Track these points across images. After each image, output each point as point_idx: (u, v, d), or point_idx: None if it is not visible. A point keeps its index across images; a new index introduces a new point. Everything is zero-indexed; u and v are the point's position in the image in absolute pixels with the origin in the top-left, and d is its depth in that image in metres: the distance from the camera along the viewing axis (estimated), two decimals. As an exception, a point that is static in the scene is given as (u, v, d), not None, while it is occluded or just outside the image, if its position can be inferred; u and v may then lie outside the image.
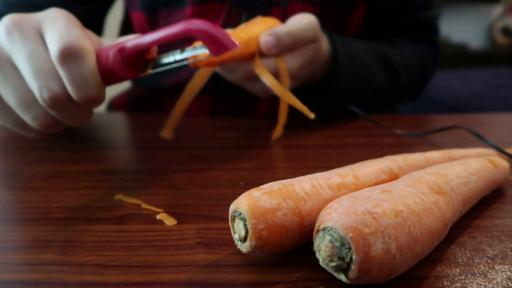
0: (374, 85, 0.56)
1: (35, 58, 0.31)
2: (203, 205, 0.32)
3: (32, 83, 0.31)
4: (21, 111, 0.33)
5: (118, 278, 0.23)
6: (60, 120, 0.35)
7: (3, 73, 0.32)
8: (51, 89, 0.31)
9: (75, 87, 0.31)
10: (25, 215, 0.30)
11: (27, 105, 0.33)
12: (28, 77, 0.31)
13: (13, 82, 0.32)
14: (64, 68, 0.31)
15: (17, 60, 0.32)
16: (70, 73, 0.31)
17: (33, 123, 0.34)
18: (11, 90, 0.33)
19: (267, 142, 0.47)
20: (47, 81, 0.31)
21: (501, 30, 2.82)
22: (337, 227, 0.21)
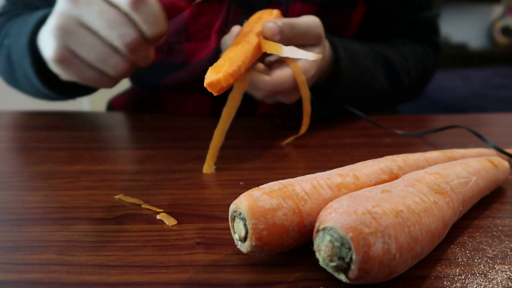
0: (375, 87, 0.56)
1: (106, 14, 0.36)
2: (203, 205, 0.32)
3: (111, 34, 0.37)
4: (102, 64, 0.39)
5: (118, 278, 0.23)
6: (135, 63, 0.40)
7: (77, 35, 0.37)
8: (130, 34, 0.37)
9: (150, 26, 0.37)
10: (25, 215, 0.30)
11: (106, 57, 0.38)
12: (105, 31, 0.37)
13: (89, 40, 0.37)
14: (138, 12, 0.36)
15: (89, 20, 0.37)
16: (143, 15, 0.37)
17: (113, 72, 0.39)
18: (88, 48, 0.38)
19: (267, 142, 0.47)
20: (124, 29, 0.37)
21: (501, 30, 2.82)
22: (337, 227, 0.21)
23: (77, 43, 0.38)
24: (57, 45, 0.38)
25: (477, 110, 1.49)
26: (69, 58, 0.39)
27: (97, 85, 0.42)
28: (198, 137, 0.49)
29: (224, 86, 0.34)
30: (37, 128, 0.53)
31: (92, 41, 0.38)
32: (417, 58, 0.63)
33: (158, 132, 0.51)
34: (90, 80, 0.41)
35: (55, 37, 0.38)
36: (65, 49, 0.38)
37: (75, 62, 0.39)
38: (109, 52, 0.38)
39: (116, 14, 0.37)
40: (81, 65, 0.39)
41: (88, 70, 0.40)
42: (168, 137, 0.49)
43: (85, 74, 0.40)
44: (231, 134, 0.50)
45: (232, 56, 0.36)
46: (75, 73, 0.40)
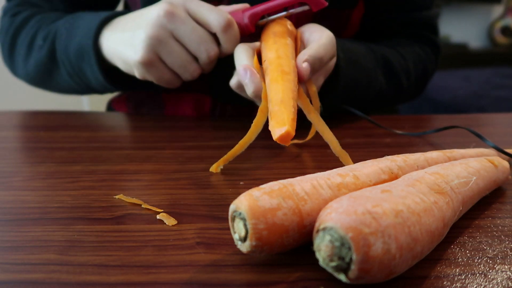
0: (374, 87, 0.56)
1: (197, 32, 0.44)
2: (203, 205, 0.32)
3: (199, 48, 0.45)
4: (182, 70, 0.46)
5: (118, 278, 0.23)
6: (204, 70, 0.48)
7: (168, 45, 0.44)
8: (213, 49, 0.45)
9: (232, 45, 0.45)
10: (25, 215, 0.30)
11: (188, 64, 0.46)
12: (194, 44, 0.44)
13: (177, 50, 0.45)
14: (226, 34, 0.44)
15: (181, 35, 0.44)
16: (229, 37, 0.45)
17: (189, 76, 0.47)
18: (175, 56, 0.45)
19: (267, 142, 0.47)
20: (210, 45, 0.45)
21: (501, 30, 2.82)
22: (337, 227, 0.21)
23: (166, 51, 0.44)
24: (147, 50, 0.44)
25: (477, 110, 1.49)
26: (155, 62, 0.45)
27: (167, 85, 0.49)
28: (198, 137, 0.49)
29: (293, 134, 0.33)
30: (37, 128, 0.53)
31: (179, 51, 0.45)
32: (416, 58, 0.63)
33: (158, 132, 0.51)
34: (164, 81, 0.48)
35: (148, 44, 0.44)
36: (154, 54, 0.45)
37: (158, 66, 0.46)
38: (191, 61, 0.46)
39: (205, 32, 0.44)
40: (163, 69, 0.46)
41: (167, 73, 0.47)
42: (168, 137, 0.49)
43: (163, 76, 0.47)
44: (231, 134, 0.50)
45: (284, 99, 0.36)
46: (154, 75, 0.47)
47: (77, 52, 0.51)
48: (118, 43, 0.48)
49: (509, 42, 2.82)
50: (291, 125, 0.33)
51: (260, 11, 0.45)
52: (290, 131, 0.33)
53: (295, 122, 0.34)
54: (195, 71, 0.47)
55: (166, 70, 0.47)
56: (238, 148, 0.38)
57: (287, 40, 0.43)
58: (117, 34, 0.48)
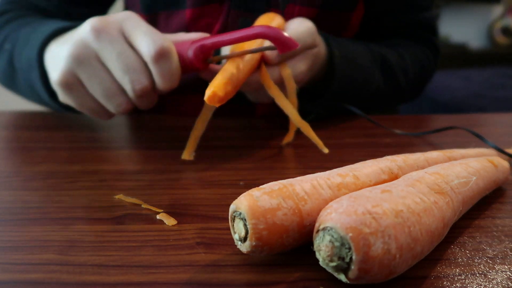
0: (371, 86, 0.56)
1: (125, 57, 0.37)
2: (203, 205, 0.32)
3: (124, 77, 0.37)
4: (106, 100, 0.39)
5: (118, 278, 0.23)
6: (137, 105, 0.40)
7: (91, 68, 0.37)
8: (142, 82, 0.37)
9: (165, 81, 0.38)
10: (25, 215, 0.30)
11: (112, 95, 0.38)
12: (119, 72, 0.37)
13: (100, 75, 0.38)
14: (157, 65, 0.37)
15: (107, 57, 0.37)
16: (162, 69, 0.37)
17: (115, 110, 0.40)
18: (98, 82, 0.38)
19: (267, 142, 0.47)
20: (138, 75, 0.37)
21: (501, 30, 2.82)
22: (337, 227, 0.21)
23: (87, 75, 0.38)
24: (66, 71, 0.38)
25: (477, 110, 1.49)
26: (74, 85, 0.39)
27: (93, 115, 0.42)
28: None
29: (221, 96, 0.34)
30: (37, 128, 0.53)
31: (103, 76, 0.38)
32: (415, 58, 0.63)
33: (158, 132, 0.51)
34: (87, 110, 0.41)
35: (67, 63, 0.38)
36: (72, 76, 0.38)
37: (78, 91, 0.39)
38: (116, 91, 0.39)
39: (135, 60, 0.37)
40: (84, 94, 0.40)
41: (89, 101, 0.40)
42: (168, 137, 0.49)
43: (85, 103, 0.41)
44: (231, 134, 0.50)
45: (226, 68, 0.37)
46: (75, 100, 0.40)
47: (27, 62, 0.47)
48: (49, 59, 0.42)
49: (509, 42, 2.82)
50: (220, 88, 0.34)
51: (209, 44, 0.39)
52: (216, 92, 0.34)
53: (229, 87, 0.35)
54: (121, 105, 0.39)
55: (87, 97, 0.40)
56: (199, 127, 0.40)
57: None
58: (53, 48, 0.43)
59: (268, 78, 0.40)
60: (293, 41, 0.37)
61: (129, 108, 0.40)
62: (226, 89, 0.35)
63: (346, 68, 0.50)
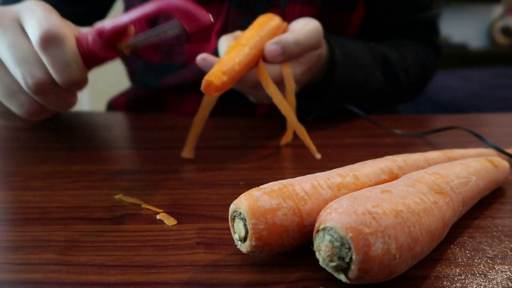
0: (372, 86, 0.56)
1: (16, 47, 0.32)
2: (203, 205, 0.32)
3: (16, 71, 0.33)
4: (6, 100, 0.35)
5: (118, 278, 0.23)
6: (45, 106, 0.36)
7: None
8: (35, 76, 0.33)
9: (58, 71, 0.33)
10: (25, 215, 0.30)
11: (12, 93, 0.34)
12: (11, 65, 0.33)
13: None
14: (46, 53, 0.32)
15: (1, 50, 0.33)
16: (52, 58, 0.32)
17: (19, 111, 0.35)
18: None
19: (267, 142, 0.47)
20: (31, 68, 0.33)
21: (501, 30, 2.82)
22: (337, 227, 0.21)
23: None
24: None
25: (477, 110, 1.49)
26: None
27: (7, 122, 0.39)
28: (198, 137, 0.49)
29: (218, 85, 0.34)
30: (37, 128, 0.53)
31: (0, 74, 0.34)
32: (415, 57, 0.63)
33: (158, 132, 0.51)
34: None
35: None
36: None
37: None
38: (16, 89, 0.34)
39: (27, 50, 0.33)
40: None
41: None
42: (168, 137, 0.49)
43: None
44: (231, 134, 0.50)
45: (223, 59, 0.37)
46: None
47: None
48: None
49: (509, 42, 2.82)
50: (216, 77, 0.34)
51: (109, 28, 0.34)
52: (212, 81, 0.33)
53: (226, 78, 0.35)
54: (24, 104, 0.35)
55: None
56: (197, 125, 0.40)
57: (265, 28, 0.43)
58: None
59: (265, 75, 0.40)
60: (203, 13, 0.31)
61: (34, 108, 0.35)
62: (222, 79, 0.35)
63: (346, 67, 0.50)
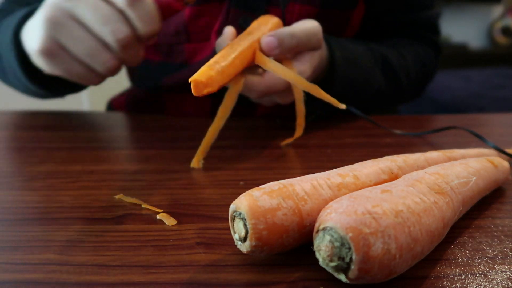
0: (372, 87, 0.56)
1: (100, 9, 0.36)
2: (203, 205, 0.32)
3: (103, 29, 0.37)
4: (90, 59, 0.38)
5: (118, 278, 0.23)
6: (124, 61, 0.40)
7: (68, 28, 0.37)
8: (123, 31, 0.37)
9: (145, 24, 0.37)
10: (25, 215, 0.30)
11: (96, 52, 0.38)
12: (97, 26, 0.37)
13: (80, 34, 0.37)
14: (134, 9, 0.37)
15: (82, 14, 0.37)
16: (139, 13, 0.37)
17: (101, 68, 0.39)
18: (78, 42, 0.37)
19: (267, 142, 0.47)
20: (117, 25, 0.37)
21: (501, 30, 2.82)
22: (337, 227, 0.21)
23: (67, 36, 0.37)
24: (45, 36, 0.37)
25: (477, 110, 1.49)
26: (56, 50, 0.38)
27: (83, 82, 0.42)
28: (198, 137, 0.49)
29: (205, 81, 0.34)
30: (37, 128, 0.53)
31: (83, 35, 0.37)
32: (416, 58, 0.63)
33: (158, 132, 0.51)
34: (76, 75, 0.40)
35: (44, 28, 0.37)
36: (53, 41, 0.37)
37: (62, 55, 0.38)
38: (100, 48, 0.38)
39: (110, 9, 0.36)
40: (68, 59, 0.39)
41: (75, 64, 0.39)
42: (168, 137, 0.49)
43: (71, 68, 0.39)
44: (231, 134, 0.50)
45: (217, 59, 0.37)
46: (60, 66, 0.39)
47: (6, 47, 0.46)
48: (25, 34, 0.42)
49: (509, 42, 2.82)
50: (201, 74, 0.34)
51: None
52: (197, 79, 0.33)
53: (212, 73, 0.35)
54: (108, 61, 0.39)
55: (72, 61, 0.39)
56: (210, 136, 0.39)
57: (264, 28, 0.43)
58: (28, 23, 0.42)
59: (262, 56, 0.40)
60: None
61: (115, 65, 0.39)
62: (209, 74, 0.34)
63: (347, 69, 0.50)
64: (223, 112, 0.39)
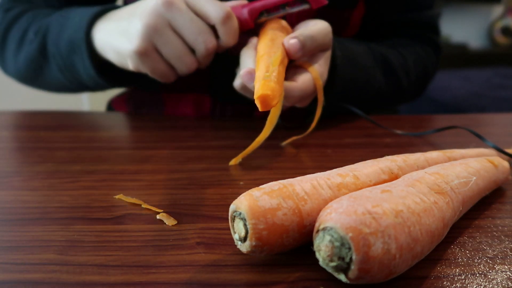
0: (373, 86, 0.56)
1: (196, 22, 0.43)
2: (203, 205, 0.32)
3: (197, 38, 0.43)
4: (178, 62, 0.45)
5: (118, 278, 0.23)
6: (201, 63, 0.46)
7: (165, 35, 0.43)
8: (212, 41, 0.44)
9: (231, 38, 0.44)
10: (25, 215, 0.30)
11: (184, 56, 0.44)
12: (192, 35, 0.43)
13: (173, 41, 0.43)
14: (225, 26, 0.43)
15: (180, 24, 0.42)
16: (228, 29, 0.44)
17: (185, 69, 0.45)
18: (172, 47, 0.43)
19: (267, 142, 0.47)
20: (208, 36, 0.43)
21: (501, 30, 2.82)
22: (337, 227, 0.21)
23: (163, 41, 0.43)
24: (143, 39, 0.43)
25: (477, 110, 1.49)
26: (150, 52, 0.44)
27: (161, 79, 0.47)
28: (198, 137, 0.49)
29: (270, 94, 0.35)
30: (37, 128, 0.53)
31: (176, 41, 0.43)
32: (416, 58, 0.63)
33: (158, 132, 0.51)
34: (158, 73, 0.46)
35: (144, 32, 0.42)
36: (150, 44, 0.43)
37: (154, 57, 0.44)
38: (187, 52, 0.44)
39: (203, 24, 0.43)
40: (158, 59, 0.45)
41: (162, 64, 0.45)
42: (168, 137, 0.49)
43: (158, 67, 0.45)
44: (231, 134, 0.50)
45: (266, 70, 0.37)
46: (149, 65, 0.45)
47: (69, 45, 0.50)
48: (112, 34, 0.47)
49: (509, 42, 2.82)
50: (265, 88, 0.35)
51: (259, 6, 0.46)
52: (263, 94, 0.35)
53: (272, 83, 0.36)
54: (192, 64, 0.45)
55: (161, 61, 0.45)
56: (256, 143, 0.41)
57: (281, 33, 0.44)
58: (112, 24, 0.47)
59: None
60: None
61: (196, 66, 0.46)
62: (270, 86, 0.35)
63: (347, 68, 0.50)
64: (271, 123, 0.41)
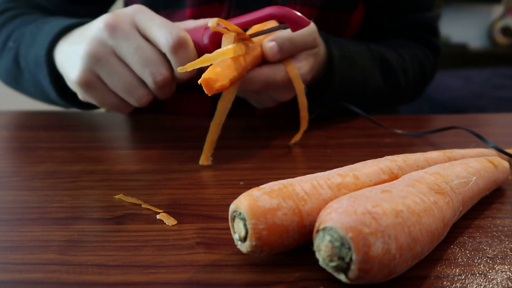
0: (370, 86, 0.56)
1: (143, 50, 0.37)
2: (203, 205, 0.32)
3: (144, 70, 0.38)
4: (126, 94, 0.40)
5: (118, 278, 0.23)
6: (157, 96, 0.41)
7: (109, 65, 0.38)
8: (162, 73, 0.38)
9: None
10: (25, 215, 0.30)
11: (132, 88, 0.39)
12: (138, 66, 0.38)
13: (119, 71, 0.38)
14: (176, 55, 0.37)
15: (124, 53, 0.37)
16: (180, 59, 0.38)
17: (136, 102, 0.41)
18: (117, 78, 0.38)
19: (267, 142, 0.47)
20: (158, 67, 0.38)
21: (501, 30, 2.82)
22: (337, 227, 0.21)
23: (106, 72, 0.38)
24: (84, 69, 0.38)
25: (477, 110, 1.49)
26: (94, 83, 0.39)
27: (113, 110, 0.43)
28: (198, 137, 0.49)
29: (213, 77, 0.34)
30: (37, 128, 0.53)
31: (122, 72, 0.38)
32: (415, 58, 0.63)
33: (158, 132, 0.51)
34: (108, 106, 0.42)
35: (85, 62, 0.38)
36: (92, 74, 0.39)
37: (99, 88, 0.40)
38: (136, 84, 0.39)
39: (153, 52, 0.38)
40: (105, 91, 0.40)
41: (110, 96, 0.41)
42: (168, 137, 0.49)
43: (105, 99, 0.41)
44: (231, 134, 0.50)
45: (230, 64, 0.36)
46: (95, 97, 0.41)
47: (34, 61, 0.47)
48: (63, 58, 0.42)
49: (509, 42, 2.82)
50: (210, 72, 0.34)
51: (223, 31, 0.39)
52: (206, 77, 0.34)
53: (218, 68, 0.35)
54: (143, 97, 0.40)
55: (108, 93, 0.40)
56: (214, 132, 0.40)
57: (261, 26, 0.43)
58: (65, 47, 0.43)
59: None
60: (304, 19, 0.38)
61: (149, 99, 0.41)
62: (214, 70, 0.34)
63: (345, 68, 0.50)
64: (222, 107, 0.39)
